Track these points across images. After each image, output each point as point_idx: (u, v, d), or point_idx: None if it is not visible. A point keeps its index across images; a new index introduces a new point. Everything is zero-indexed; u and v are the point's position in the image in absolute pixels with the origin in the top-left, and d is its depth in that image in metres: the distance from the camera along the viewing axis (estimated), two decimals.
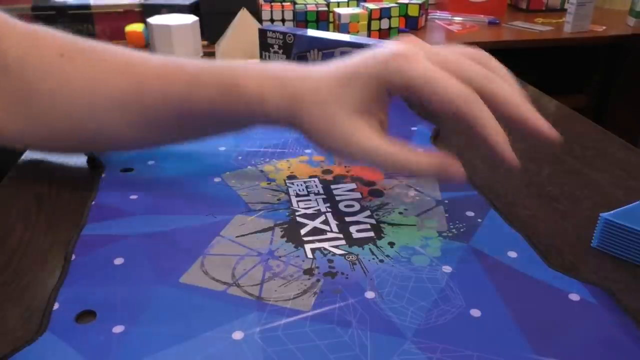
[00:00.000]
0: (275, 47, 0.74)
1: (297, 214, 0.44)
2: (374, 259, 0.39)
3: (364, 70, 0.39)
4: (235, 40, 0.90)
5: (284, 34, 0.72)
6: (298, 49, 0.72)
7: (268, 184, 0.49)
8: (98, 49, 0.47)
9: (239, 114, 0.43)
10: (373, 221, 0.44)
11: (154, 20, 1.04)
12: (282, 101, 0.41)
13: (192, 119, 0.45)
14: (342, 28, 1.18)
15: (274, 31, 0.73)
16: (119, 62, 0.46)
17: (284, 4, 1.16)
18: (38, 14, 1.24)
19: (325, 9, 1.17)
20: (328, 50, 0.70)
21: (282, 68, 0.42)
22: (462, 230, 0.42)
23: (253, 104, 0.42)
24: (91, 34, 1.26)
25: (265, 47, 0.82)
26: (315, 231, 0.42)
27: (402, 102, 0.69)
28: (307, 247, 0.40)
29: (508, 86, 0.38)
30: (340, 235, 0.42)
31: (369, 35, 1.18)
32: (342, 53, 0.70)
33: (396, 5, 1.20)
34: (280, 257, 0.39)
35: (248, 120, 0.44)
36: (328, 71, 0.40)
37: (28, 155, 0.56)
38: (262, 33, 0.74)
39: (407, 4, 1.31)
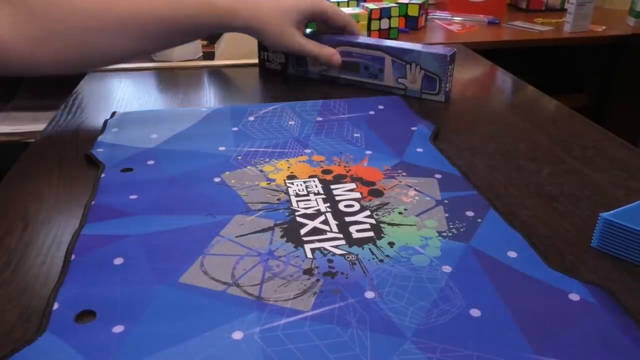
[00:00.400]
0: None
1: (296, 214, 0.44)
2: (373, 259, 0.39)
3: (301, 2, 0.71)
4: (234, 41, 0.90)
5: None
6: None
7: (268, 184, 0.49)
8: None
9: (213, 26, 0.67)
10: (373, 221, 0.43)
11: None
12: (248, 16, 0.67)
13: (179, 31, 0.67)
14: None
15: None
16: None
17: None
18: None
19: None
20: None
21: None
22: (462, 230, 0.42)
23: (226, 17, 0.67)
24: None
25: (264, 47, 0.82)
26: (315, 231, 0.42)
27: (402, 103, 0.69)
28: (307, 247, 0.40)
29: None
30: (340, 235, 0.42)
31: (369, 35, 1.18)
32: (341, 52, 0.76)
33: (396, 5, 1.20)
34: (280, 257, 0.39)
35: (220, 29, 0.69)
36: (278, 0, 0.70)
37: (28, 155, 0.56)
38: None
39: (407, 4, 1.31)
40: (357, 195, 0.47)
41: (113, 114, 0.65)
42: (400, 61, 0.71)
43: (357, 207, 0.46)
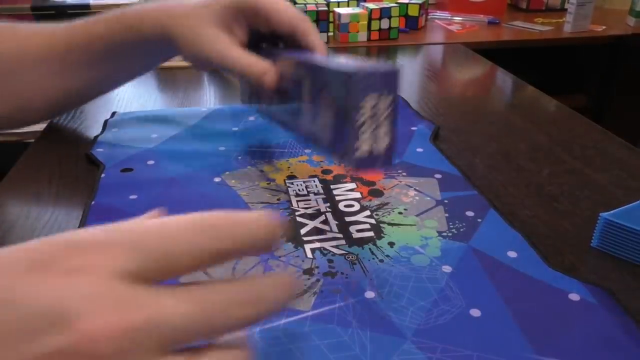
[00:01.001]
0: None
1: (297, 213, 0.44)
2: (373, 258, 0.39)
3: None
4: None
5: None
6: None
7: (268, 183, 0.49)
8: (24, 25, 0.56)
9: (128, 41, 0.52)
10: (373, 221, 0.43)
11: None
12: (157, 21, 0.51)
13: (98, 56, 0.54)
14: (342, 28, 1.18)
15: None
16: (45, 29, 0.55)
17: None
18: (37, 13, 1.24)
19: (325, 8, 1.17)
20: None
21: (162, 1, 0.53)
22: (462, 230, 0.42)
23: (136, 26, 0.51)
24: None
25: None
26: (315, 231, 0.42)
27: (402, 103, 0.69)
28: (307, 247, 0.40)
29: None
30: (340, 235, 0.42)
31: (369, 35, 1.18)
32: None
33: (396, 5, 1.20)
34: (280, 257, 0.39)
35: (136, 43, 0.52)
36: None
37: (28, 155, 0.56)
38: None
39: (407, 4, 1.31)
40: (357, 195, 0.47)
41: (113, 114, 0.65)
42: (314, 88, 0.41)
43: (357, 207, 0.46)
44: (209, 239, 0.20)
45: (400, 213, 0.45)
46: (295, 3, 1.18)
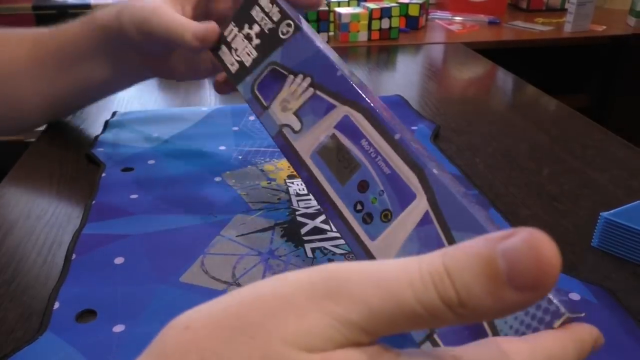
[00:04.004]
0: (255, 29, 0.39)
1: (297, 213, 0.44)
2: None
3: None
4: None
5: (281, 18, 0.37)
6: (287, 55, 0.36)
7: (268, 183, 0.49)
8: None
9: (99, 39, 0.52)
10: None
11: None
12: (109, 11, 0.50)
13: (73, 58, 0.54)
14: (342, 27, 1.18)
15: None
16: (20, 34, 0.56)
17: None
18: (38, 13, 1.24)
19: (326, 8, 1.17)
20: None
21: None
22: None
23: (89, 21, 0.52)
24: None
25: (240, 20, 0.40)
26: (316, 231, 0.42)
27: (402, 102, 0.69)
28: (308, 246, 0.40)
29: None
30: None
31: (369, 35, 1.18)
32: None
33: (397, 5, 1.20)
34: (280, 256, 0.39)
35: (107, 39, 0.51)
36: None
37: (29, 154, 0.56)
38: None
39: (407, 4, 1.31)
40: None
41: (114, 113, 0.65)
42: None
43: None
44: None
45: None
46: None
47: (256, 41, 0.38)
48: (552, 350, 0.19)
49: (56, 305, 0.34)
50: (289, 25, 0.36)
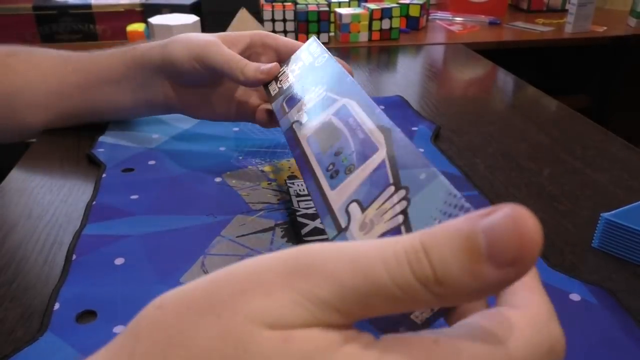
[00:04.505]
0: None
1: (297, 214, 0.44)
2: None
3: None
4: None
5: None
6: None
7: (269, 184, 0.49)
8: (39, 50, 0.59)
9: (118, 62, 0.55)
10: None
11: (155, 20, 1.04)
12: (154, 43, 0.53)
13: (101, 87, 0.56)
14: (343, 28, 1.18)
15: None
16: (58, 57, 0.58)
17: (285, 4, 1.16)
18: (39, 13, 1.24)
19: (327, 9, 1.17)
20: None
21: None
22: None
23: (128, 49, 0.55)
24: (92, 34, 1.26)
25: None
26: (316, 231, 0.42)
27: (402, 103, 0.69)
28: None
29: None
30: None
31: (370, 36, 1.18)
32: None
33: (397, 5, 1.20)
34: None
35: (142, 72, 0.54)
36: None
37: (29, 155, 0.56)
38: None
39: (408, 5, 1.31)
40: None
41: None
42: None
43: None
44: None
45: None
46: (296, 4, 1.18)
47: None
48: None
49: (56, 305, 0.34)
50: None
